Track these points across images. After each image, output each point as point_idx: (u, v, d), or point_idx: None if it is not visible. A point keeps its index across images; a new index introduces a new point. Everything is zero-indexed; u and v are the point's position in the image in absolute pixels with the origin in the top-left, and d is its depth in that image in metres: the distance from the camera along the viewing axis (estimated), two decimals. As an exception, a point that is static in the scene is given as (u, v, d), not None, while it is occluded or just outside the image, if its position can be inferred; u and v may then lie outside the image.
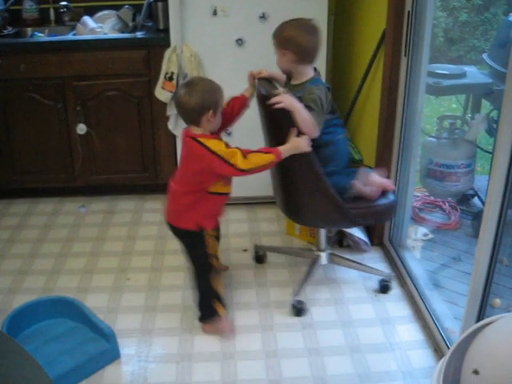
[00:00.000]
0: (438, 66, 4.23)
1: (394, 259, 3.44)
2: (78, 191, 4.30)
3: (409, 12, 3.05)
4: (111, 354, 2.78)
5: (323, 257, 3.31)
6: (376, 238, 3.60)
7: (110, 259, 3.57)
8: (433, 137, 4.09)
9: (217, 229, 2.99)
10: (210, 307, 2.89)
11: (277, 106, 2.64)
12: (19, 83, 3.94)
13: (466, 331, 1.94)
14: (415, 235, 3.71)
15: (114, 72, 3.86)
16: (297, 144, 2.68)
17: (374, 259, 3.50)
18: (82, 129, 3.99)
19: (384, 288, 3.22)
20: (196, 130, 2.66)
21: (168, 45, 3.63)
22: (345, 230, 3.47)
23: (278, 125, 2.81)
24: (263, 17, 3.58)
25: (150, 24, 4.05)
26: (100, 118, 3.96)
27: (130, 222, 3.93)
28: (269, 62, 3.63)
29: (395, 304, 3.14)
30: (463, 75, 4.13)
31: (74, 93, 3.93)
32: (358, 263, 3.36)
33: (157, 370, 2.74)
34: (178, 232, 2.88)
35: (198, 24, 3.57)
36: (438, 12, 3.20)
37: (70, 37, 4.11)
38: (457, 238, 3.78)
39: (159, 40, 3.76)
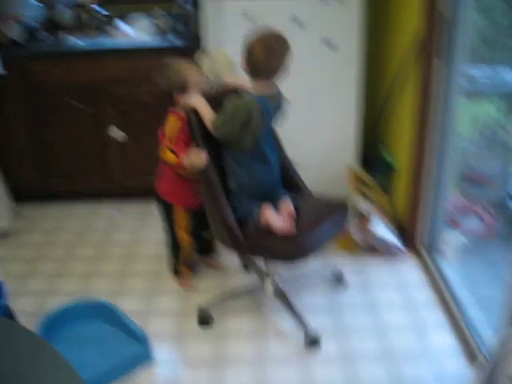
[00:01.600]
0: (474, 69, 4.18)
1: (428, 265, 3.40)
2: (113, 195, 4.34)
3: (444, 14, 3.02)
4: (144, 358, 2.80)
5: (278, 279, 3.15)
6: (410, 242, 3.56)
7: (144, 262, 3.59)
8: (469, 141, 4.04)
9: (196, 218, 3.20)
10: (175, 268, 3.35)
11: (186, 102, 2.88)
12: (56, 88, 3.99)
13: (502, 339, 1.91)
14: (449, 240, 3.67)
15: (147, 77, 3.87)
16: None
17: (408, 265, 3.48)
18: (116, 133, 4.02)
19: (340, 278, 3.30)
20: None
21: (201, 49, 3.65)
22: (378, 234, 3.44)
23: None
24: (297, 21, 3.57)
25: (183, 29, 4.06)
26: (133, 122, 3.99)
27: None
28: (303, 66, 3.65)
29: (429, 310, 3.10)
30: (500, 78, 4.08)
31: (109, 98, 3.97)
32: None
33: (189, 374, 2.75)
34: (155, 195, 3.23)
35: (230, 28, 3.58)
36: (473, 14, 3.16)
37: (104, 42, 4.15)
38: (492, 243, 3.72)
39: (192, 45, 3.78)
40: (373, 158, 4.06)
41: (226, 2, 3.54)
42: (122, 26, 4.19)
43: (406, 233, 3.58)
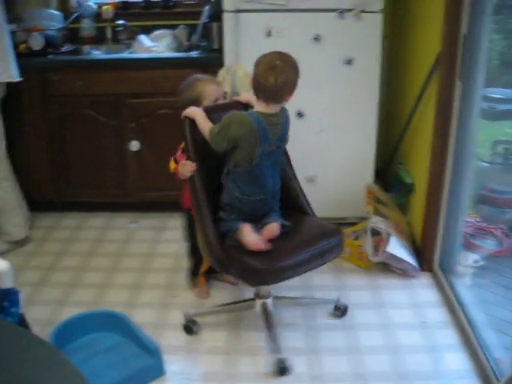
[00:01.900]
0: (493, 90, 4.17)
1: (444, 286, 3.38)
2: (130, 207, 4.36)
3: (465, 35, 3.02)
4: (156, 370, 2.79)
5: (269, 303, 3.06)
6: (426, 263, 3.54)
7: (159, 275, 3.59)
8: (486, 162, 4.02)
9: None
10: (194, 278, 3.33)
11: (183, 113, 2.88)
12: (76, 99, 4.02)
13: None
14: (466, 262, 3.64)
15: (169, 90, 3.89)
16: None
17: (422, 285, 3.45)
18: (135, 145, 4.05)
19: (344, 311, 3.19)
20: None
21: (222, 65, 3.67)
22: (394, 254, 3.42)
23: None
24: (317, 38, 3.58)
25: (204, 44, 4.08)
26: (153, 136, 4.01)
27: (180, 239, 3.95)
28: (322, 83, 3.66)
29: (443, 331, 3.07)
30: (519, 100, 4.08)
31: (128, 110, 4.00)
32: (303, 298, 3.35)
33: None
34: (179, 206, 3.28)
35: (251, 44, 3.59)
36: (493, 35, 3.15)
37: (126, 55, 4.19)
38: (508, 265, 3.70)
39: (213, 60, 3.79)
40: (391, 177, 4.06)
41: (248, 18, 3.56)
42: (144, 40, 4.21)
43: (422, 253, 3.56)
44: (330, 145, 3.83)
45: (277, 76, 2.64)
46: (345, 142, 3.83)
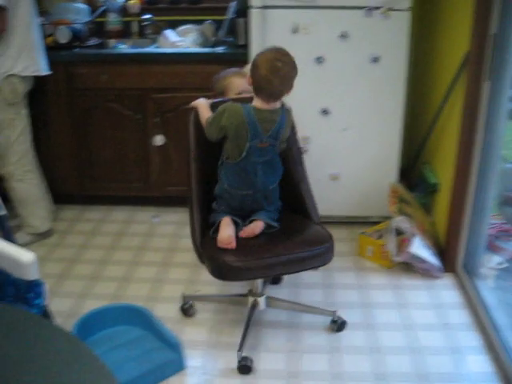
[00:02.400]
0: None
1: (466, 287, 3.35)
2: (152, 201, 4.37)
3: (494, 34, 2.99)
4: (177, 365, 2.79)
5: (261, 302, 3.06)
6: (449, 264, 3.51)
7: (181, 270, 3.60)
8: (512, 163, 3.99)
9: None
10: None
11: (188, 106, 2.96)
12: (101, 93, 4.04)
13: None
14: (489, 263, 3.61)
15: (193, 85, 3.90)
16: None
17: (445, 286, 3.43)
18: (159, 140, 4.05)
19: (341, 326, 3.07)
20: None
21: (247, 61, 3.65)
22: (417, 254, 3.40)
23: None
24: (344, 36, 3.56)
25: (230, 39, 4.08)
26: (177, 131, 4.01)
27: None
28: (348, 81, 3.65)
29: (466, 333, 3.05)
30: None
31: (153, 104, 4.01)
32: (299, 304, 3.26)
33: (222, 383, 2.74)
34: None
35: (278, 41, 3.56)
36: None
37: (151, 49, 4.19)
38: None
39: (239, 55, 3.78)
40: (415, 177, 4.03)
41: (275, 14, 3.54)
42: (170, 35, 4.22)
43: (446, 254, 3.53)
44: (354, 143, 3.81)
45: (281, 79, 2.65)
46: (369, 141, 3.80)
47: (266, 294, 3.08)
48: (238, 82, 3.10)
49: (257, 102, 2.75)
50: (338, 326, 3.06)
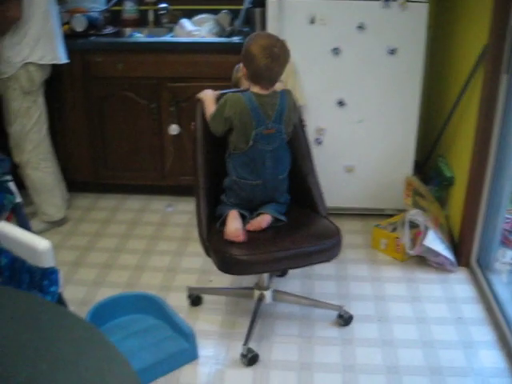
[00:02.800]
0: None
1: (480, 282, 3.34)
2: (166, 190, 4.37)
3: (513, 29, 2.97)
4: (189, 354, 2.80)
5: (267, 296, 3.03)
6: (463, 258, 3.50)
7: (194, 259, 3.60)
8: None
9: None
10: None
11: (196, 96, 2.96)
12: (116, 81, 4.04)
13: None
14: (503, 258, 3.59)
15: (209, 75, 3.90)
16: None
17: (459, 280, 3.41)
18: (174, 129, 4.05)
19: (348, 320, 3.05)
20: None
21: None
22: (431, 247, 3.38)
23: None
24: (361, 27, 3.54)
25: (246, 29, 4.06)
26: (193, 120, 3.99)
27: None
28: (364, 72, 3.63)
29: (479, 328, 3.03)
30: None
31: (168, 93, 4.00)
32: (306, 298, 3.22)
33: (234, 374, 2.74)
34: None
35: (295, 31, 3.57)
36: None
37: (167, 38, 4.19)
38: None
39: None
40: (430, 170, 4.01)
41: (292, 4, 3.53)
42: (187, 24, 4.21)
43: (460, 248, 3.51)
44: (369, 135, 3.79)
45: (280, 64, 2.70)
46: (385, 133, 3.78)
47: (273, 288, 3.07)
48: None
49: (254, 89, 2.76)
50: (345, 320, 3.04)
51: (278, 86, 2.85)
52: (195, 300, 3.21)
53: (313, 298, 3.23)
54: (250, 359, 2.77)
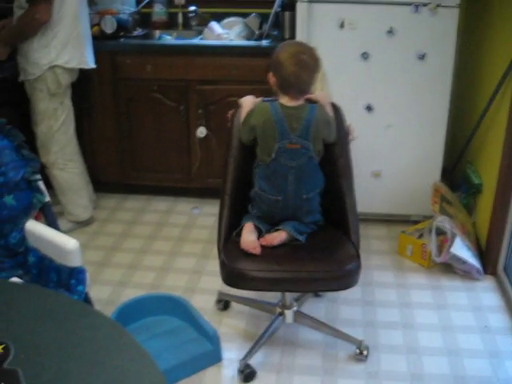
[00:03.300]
0: None
1: (507, 290, 3.30)
2: (193, 192, 4.38)
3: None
4: (213, 357, 2.81)
5: (288, 315, 2.92)
6: (490, 266, 3.47)
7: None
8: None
9: None
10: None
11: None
12: (145, 83, 4.06)
13: None
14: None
15: (238, 78, 3.91)
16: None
17: (485, 288, 3.38)
18: (202, 132, 4.06)
19: (365, 355, 2.84)
20: None
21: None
22: (458, 255, 3.35)
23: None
24: (391, 31, 3.53)
25: (275, 33, 4.07)
26: (220, 123, 4.00)
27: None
28: (393, 77, 3.61)
29: (505, 337, 3.00)
30: None
31: (196, 96, 4.01)
32: (327, 326, 3.01)
33: (257, 378, 2.73)
34: None
35: (324, 35, 3.56)
36: None
37: (196, 41, 4.20)
38: None
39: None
40: (458, 176, 3.98)
41: (321, 8, 3.52)
42: (216, 27, 4.22)
43: (487, 256, 3.48)
44: (397, 140, 3.77)
45: (310, 72, 2.60)
46: (413, 139, 3.76)
47: (296, 308, 2.95)
48: None
49: (283, 99, 2.66)
50: (363, 355, 2.84)
51: (321, 96, 2.78)
52: (225, 305, 3.21)
53: (337, 302, 3.22)
54: (247, 376, 2.71)
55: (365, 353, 2.83)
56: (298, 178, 2.67)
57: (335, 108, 2.82)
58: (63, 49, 3.58)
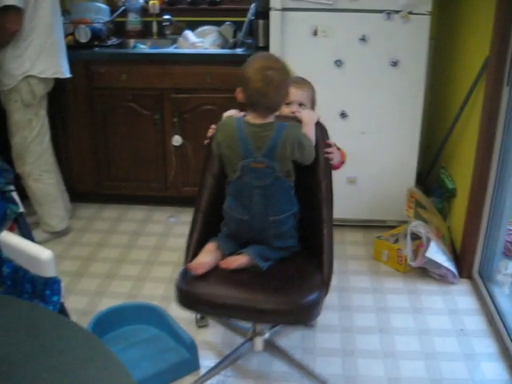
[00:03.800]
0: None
1: (482, 293, 3.33)
2: (169, 201, 4.38)
3: (515, 41, 2.98)
4: (191, 365, 2.80)
5: (257, 343, 2.76)
6: (465, 270, 3.50)
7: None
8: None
9: None
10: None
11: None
12: (120, 92, 4.06)
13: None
14: (505, 270, 3.59)
15: (212, 87, 3.92)
16: None
17: (461, 292, 3.41)
18: (177, 140, 4.07)
19: None
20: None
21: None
22: (433, 259, 3.38)
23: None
24: (363, 39, 3.56)
25: (249, 41, 4.09)
26: (195, 131, 4.02)
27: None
28: (367, 84, 3.64)
29: (481, 340, 3.03)
30: None
31: (171, 104, 4.02)
32: (295, 362, 2.82)
33: (235, 384, 2.74)
34: None
35: (297, 43, 3.59)
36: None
37: (171, 50, 4.21)
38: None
39: (258, 57, 3.78)
40: (432, 181, 4.02)
41: (295, 16, 3.55)
42: (190, 35, 4.23)
43: (462, 259, 3.51)
44: (371, 146, 3.80)
45: (276, 89, 2.40)
46: (387, 145, 3.80)
47: (268, 336, 2.82)
48: (295, 93, 2.75)
49: (250, 116, 2.51)
50: None
51: (306, 115, 2.61)
52: (202, 319, 3.13)
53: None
54: None
55: None
56: (265, 198, 2.52)
57: (321, 128, 2.65)
58: (37, 58, 3.57)
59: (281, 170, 2.50)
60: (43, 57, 3.59)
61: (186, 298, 2.46)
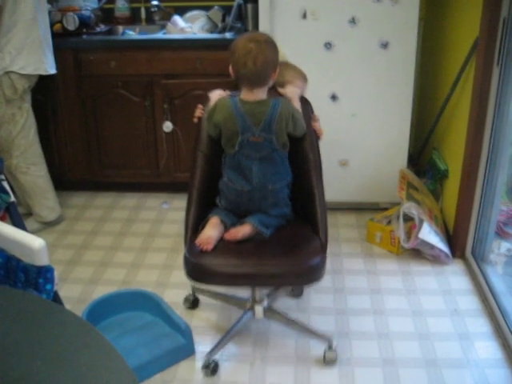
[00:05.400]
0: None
1: (476, 273, 3.35)
2: (162, 187, 4.38)
3: (504, 19, 2.97)
4: (186, 350, 2.81)
5: (258, 311, 2.87)
6: (458, 250, 3.52)
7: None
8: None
9: None
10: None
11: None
12: (109, 79, 4.04)
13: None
14: (498, 250, 3.61)
15: (202, 72, 3.91)
16: None
17: (454, 272, 3.43)
18: (168, 126, 4.06)
19: (333, 360, 2.77)
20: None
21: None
22: (426, 240, 3.39)
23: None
24: (353, 21, 3.55)
25: (239, 25, 4.08)
26: (186, 117, 3.99)
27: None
28: (357, 66, 3.63)
29: (475, 319, 3.05)
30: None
31: (161, 90, 4.00)
32: (297, 324, 2.93)
33: (230, 369, 2.75)
34: None
35: (286, 26, 3.57)
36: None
37: (159, 35, 4.19)
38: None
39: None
40: (424, 163, 4.02)
41: (284, 0, 3.53)
42: (179, 21, 4.21)
43: (455, 240, 3.53)
44: (363, 129, 3.80)
45: (255, 59, 2.47)
46: (378, 126, 3.79)
47: (267, 303, 2.91)
48: (299, 85, 2.88)
49: (242, 94, 2.63)
50: (329, 358, 2.79)
51: (290, 91, 2.75)
52: (194, 303, 3.18)
53: (308, 290, 3.25)
54: (213, 370, 2.71)
55: (334, 345, 2.78)
56: (263, 169, 2.66)
57: (304, 101, 2.81)
58: (18, 54, 3.50)
59: (277, 143, 2.65)
60: (24, 53, 3.52)
61: (197, 270, 2.56)
